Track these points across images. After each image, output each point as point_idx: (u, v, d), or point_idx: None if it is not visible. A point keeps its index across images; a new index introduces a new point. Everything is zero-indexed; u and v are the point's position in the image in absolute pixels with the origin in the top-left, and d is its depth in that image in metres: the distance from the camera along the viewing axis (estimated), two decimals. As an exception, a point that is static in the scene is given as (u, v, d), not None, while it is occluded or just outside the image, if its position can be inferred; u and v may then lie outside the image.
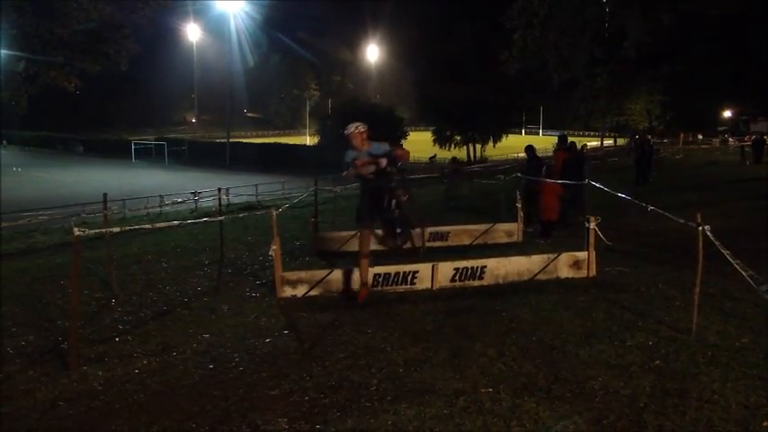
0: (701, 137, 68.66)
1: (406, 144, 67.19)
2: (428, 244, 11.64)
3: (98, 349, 6.22)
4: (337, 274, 8.23)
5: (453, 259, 8.76)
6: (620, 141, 75.54)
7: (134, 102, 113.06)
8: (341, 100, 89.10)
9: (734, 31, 51.89)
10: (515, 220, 12.23)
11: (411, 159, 8.75)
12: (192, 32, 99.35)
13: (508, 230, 12.15)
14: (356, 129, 7.50)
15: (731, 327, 6.17)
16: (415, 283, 8.24)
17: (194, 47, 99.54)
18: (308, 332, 6.59)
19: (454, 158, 31.13)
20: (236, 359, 5.83)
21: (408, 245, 8.39)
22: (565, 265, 8.62)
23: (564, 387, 4.89)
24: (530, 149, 14.10)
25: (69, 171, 55.84)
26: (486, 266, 8.50)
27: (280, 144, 77.54)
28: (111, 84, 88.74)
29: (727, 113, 72.82)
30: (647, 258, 9.55)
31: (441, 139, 75.25)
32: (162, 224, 11.93)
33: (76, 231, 5.94)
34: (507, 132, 78.53)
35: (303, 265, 10.21)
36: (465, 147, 75.05)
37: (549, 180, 12.12)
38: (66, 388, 5.29)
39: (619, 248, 10.21)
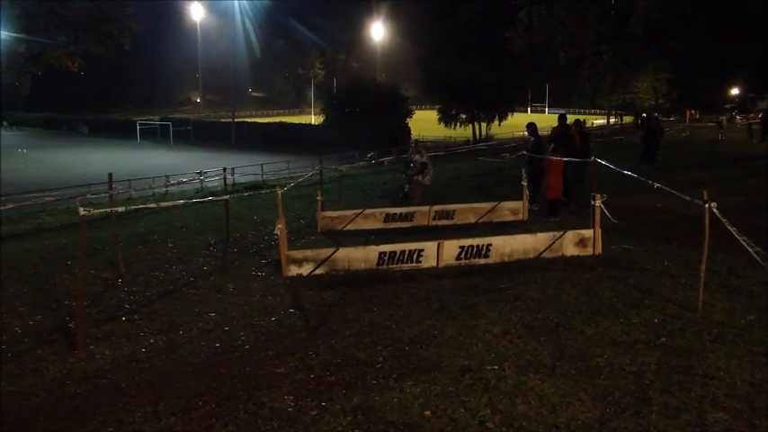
0: (694, 112, 67.99)
1: (411, 123, 67.19)
2: (433, 222, 11.66)
3: (105, 328, 6.26)
4: (343, 253, 8.25)
5: (459, 237, 8.76)
6: (627, 119, 74.88)
7: (139, 82, 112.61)
8: (346, 79, 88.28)
9: (741, 6, 51.16)
10: (521, 199, 12.18)
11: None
12: (196, 11, 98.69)
13: (513, 209, 12.11)
14: None
15: (737, 304, 6.17)
16: (420, 262, 8.25)
17: (198, 26, 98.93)
18: (314, 310, 6.62)
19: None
20: (243, 337, 5.86)
21: None
22: (570, 243, 8.61)
23: (569, 364, 4.90)
24: (530, 126, 14.01)
25: (75, 152, 55.69)
26: (491, 244, 8.49)
27: (284, 123, 77.03)
28: (115, 64, 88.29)
29: (735, 91, 72.07)
30: (653, 236, 9.51)
31: (446, 118, 74.74)
32: (167, 204, 11.93)
33: (82, 211, 5.94)
34: (513, 111, 77.94)
35: (308, 243, 10.23)
36: (470, 125, 74.54)
37: (553, 158, 12.02)
38: (73, 367, 5.34)
39: (624, 226, 10.18)
